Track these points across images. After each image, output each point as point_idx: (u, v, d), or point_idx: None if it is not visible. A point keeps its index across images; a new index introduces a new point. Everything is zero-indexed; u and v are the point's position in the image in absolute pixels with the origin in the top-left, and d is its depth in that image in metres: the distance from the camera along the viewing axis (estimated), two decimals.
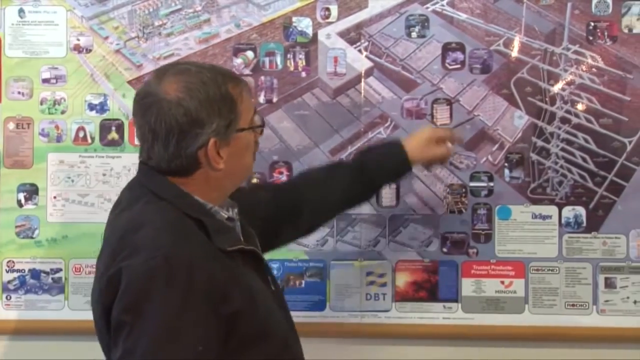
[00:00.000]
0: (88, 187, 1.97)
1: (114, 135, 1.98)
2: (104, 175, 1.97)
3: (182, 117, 1.29)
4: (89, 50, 1.97)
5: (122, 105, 1.97)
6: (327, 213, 1.71)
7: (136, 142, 1.93)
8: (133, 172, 1.92)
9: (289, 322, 1.45)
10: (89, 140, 1.97)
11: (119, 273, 1.24)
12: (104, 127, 1.98)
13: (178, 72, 1.32)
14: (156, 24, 1.97)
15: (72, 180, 1.97)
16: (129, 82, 1.97)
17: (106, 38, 1.97)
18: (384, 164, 1.67)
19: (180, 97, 1.29)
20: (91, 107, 1.97)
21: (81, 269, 1.97)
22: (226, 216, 1.39)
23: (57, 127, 1.97)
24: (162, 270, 1.23)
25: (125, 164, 1.97)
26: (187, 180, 1.34)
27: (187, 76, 1.31)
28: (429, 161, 1.73)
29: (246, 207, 1.47)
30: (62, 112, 1.97)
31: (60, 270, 1.97)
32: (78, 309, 1.97)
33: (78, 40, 1.97)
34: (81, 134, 1.97)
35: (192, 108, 1.29)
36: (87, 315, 1.92)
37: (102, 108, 1.97)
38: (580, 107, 1.93)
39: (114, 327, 1.25)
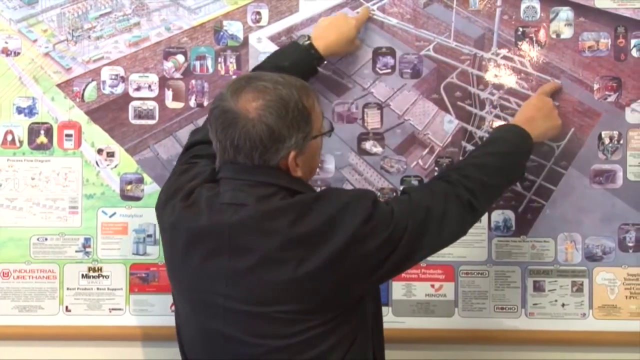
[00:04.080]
0: (16, 191, 1.95)
1: (42, 139, 1.96)
2: (33, 179, 1.96)
3: (265, 134, 1.39)
4: (17, 54, 1.95)
5: (51, 108, 1.96)
6: None
7: (65, 146, 1.95)
8: (62, 176, 1.95)
9: None
10: (17, 144, 1.95)
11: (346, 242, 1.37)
12: (33, 131, 1.96)
13: (256, 90, 1.41)
14: (85, 27, 1.96)
15: (0, 185, 1.95)
16: (58, 86, 1.95)
17: (35, 41, 1.96)
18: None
19: (261, 115, 1.38)
20: (19, 110, 1.95)
21: (9, 274, 1.95)
22: None
23: None
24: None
25: (54, 168, 1.95)
26: None
27: (266, 94, 1.40)
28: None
29: None
30: None
31: None
32: (6, 314, 1.95)
33: (6, 43, 1.95)
34: (9, 138, 1.95)
35: (274, 125, 1.39)
36: (15, 320, 1.96)
37: (30, 111, 1.96)
38: (509, 112, 1.95)
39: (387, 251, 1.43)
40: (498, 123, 1.93)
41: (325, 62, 1.86)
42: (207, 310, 1.46)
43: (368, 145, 1.97)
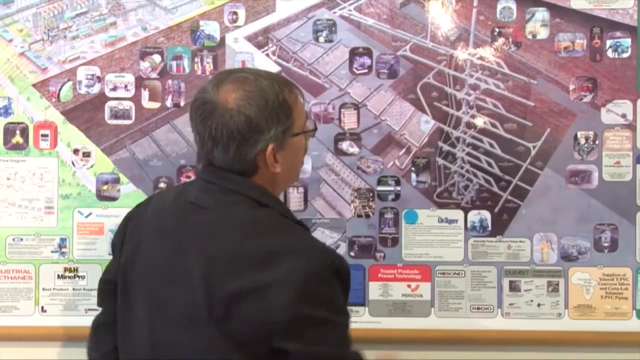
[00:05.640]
0: None
1: (18, 139, 1.95)
2: (8, 179, 1.95)
3: (243, 125, 1.35)
4: None
5: (27, 108, 1.95)
6: None
7: (41, 146, 1.95)
8: (38, 176, 1.94)
9: None
10: None
11: (275, 280, 1.28)
12: (8, 131, 1.95)
13: (236, 81, 1.37)
14: (61, 26, 1.95)
15: None
16: (34, 85, 1.95)
17: (10, 41, 1.95)
18: None
19: (240, 105, 1.35)
20: None
21: None
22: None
23: None
24: (330, 268, 1.32)
25: (29, 168, 1.95)
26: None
27: (246, 84, 1.37)
28: None
29: None
30: None
31: None
32: None
33: None
34: None
35: (253, 116, 1.35)
36: None
37: (6, 111, 1.95)
38: (485, 112, 1.95)
39: (296, 322, 1.28)
40: (476, 121, 1.94)
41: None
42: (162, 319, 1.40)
43: (345, 145, 1.97)
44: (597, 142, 1.95)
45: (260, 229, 1.35)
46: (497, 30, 1.95)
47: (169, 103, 1.96)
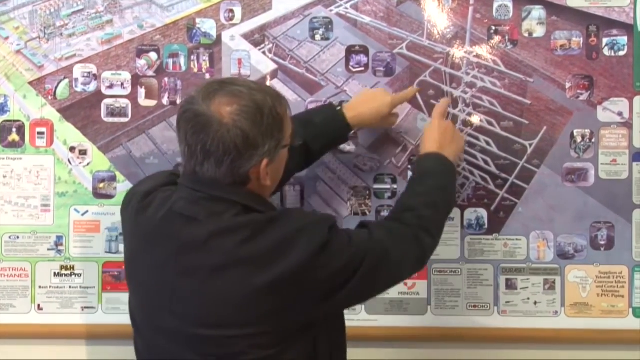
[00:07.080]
0: None
1: (14, 136, 1.95)
2: (5, 177, 1.95)
3: (240, 140, 1.34)
4: None
5: (23, 106, 1.95)
6: None
7: (37, 144, 1.95)
8: (34, 174, 1.95)
9: None
10: None
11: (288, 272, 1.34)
12: (5, 129, 1.95)
13: (230, 94, 1.36)
14: (58, 24, 1.95)
15: None
16: (30, 83, 1.95)
17: (6, 38, 1.95)
18: (327, 145, 1.80)
19: (236, 120, 1.34)
20: None
21: None
22: None
23: None
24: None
25: (26, 166, 1.95)
26: None
27: (241, 99, 1.36)
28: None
29: None
30: None
31: None
32: None
33: None
34: None
35: (249, 131, 1.34)
36: None
37: (2, 109, 1.95)
38: (481, 110, 1.95)
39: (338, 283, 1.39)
40: (473, 119, 1.94)
41: (353, 131, 1.83)
42: (152, 324, 1.45)
43: None
44: (593, 140, 1.95)
45: (259, 228, 1.36)
46: (493, 28, 1.95)
47: (165, 101, 1.96)
